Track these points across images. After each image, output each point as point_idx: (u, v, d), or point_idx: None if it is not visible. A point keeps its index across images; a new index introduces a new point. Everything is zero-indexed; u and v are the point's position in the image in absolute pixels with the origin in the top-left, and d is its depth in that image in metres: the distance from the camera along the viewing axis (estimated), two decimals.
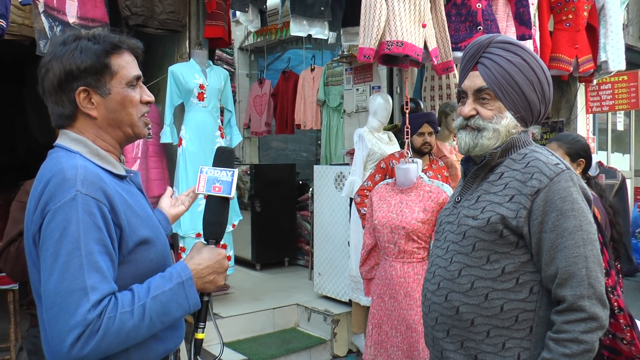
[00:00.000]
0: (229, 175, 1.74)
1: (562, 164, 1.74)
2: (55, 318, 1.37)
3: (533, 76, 1.81)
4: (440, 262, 1.91)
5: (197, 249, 1.68)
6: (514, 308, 1.73)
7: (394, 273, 3.35)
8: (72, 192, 1.43)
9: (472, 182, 1.91)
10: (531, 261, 1.73)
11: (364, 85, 6.35)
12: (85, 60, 1.54)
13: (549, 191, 1.68)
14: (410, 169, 3.44)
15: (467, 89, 1.87)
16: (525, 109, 1.82)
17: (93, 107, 1.58)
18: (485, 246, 1.76)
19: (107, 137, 1.63)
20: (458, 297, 1.81)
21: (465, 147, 1.87)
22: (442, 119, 5.39)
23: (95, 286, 1.40)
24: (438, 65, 3.63)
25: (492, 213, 1.75)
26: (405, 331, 3.33)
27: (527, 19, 3.75)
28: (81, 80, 1.55)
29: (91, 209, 1.43)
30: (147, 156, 4.92)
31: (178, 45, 5.17)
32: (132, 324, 1.42)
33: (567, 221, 1.66)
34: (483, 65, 1.83)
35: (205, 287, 1.63)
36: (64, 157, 1.52)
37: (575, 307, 1.62)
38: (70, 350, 1.35)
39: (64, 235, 1.40)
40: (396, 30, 3.26)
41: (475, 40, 1.89)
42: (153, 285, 1.50)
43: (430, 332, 1.92)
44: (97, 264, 1.42)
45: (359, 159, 4.96)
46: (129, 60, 1.63)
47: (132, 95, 1.63)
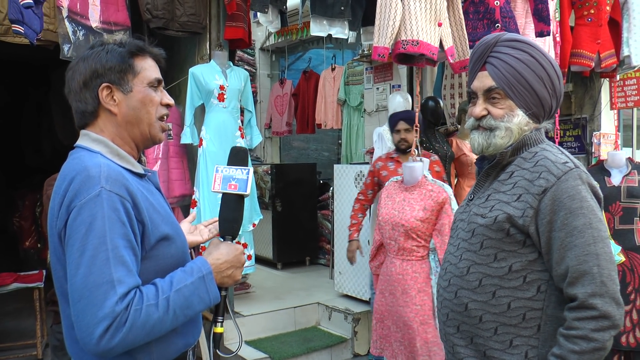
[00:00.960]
0: (244, 173, 1.78)
1: (570, 163, 1.73)
2: (83, 311, 1.42)
3: (542, 72, 1.80)
4: (452, 259, 1.93)
5: (214, 244, 1.74)
6: (521, 306, 1.74)
7: (394, 270, 3.39)
8: (97, 189, 1.48)
9: (484, 181, 1.92)
10: (539, 260, 1.73)
11: (384, 84, 6.35)
12: (111, 60, 1.63)
13: (557, 190, 1.68)
14: (416, 167, 3.45)
15: (477, 89, 1.87)
16: (536, 105, 1.82)
17: (115, 104, 1.65)
18: (493, 244, 1.77)
19: (125, 135, 1.69)
20: (467, 294, 1.83)
21: (479, 147, 1.87)
22: (462, 117, 5.37)
23: (122, 279, 1.45)
24: (455, 64, 3.62)
25: (500, 212, 1.76)
26: (403, 327, 3.36)
27: (546, 15, 3.72)
28: (105, 78, 1.63)
29: (115, 205, 1.49)
30: (168, 157, 4.98)
31: (199, 46, 5.22)
32: (157, 316, 1.47)
33: (576, 219, 1.65)
34: (491, 65, 1.83)
35: (224, 281, 1.68)
36: (86, 156, 1.58)
37: (587, 305, 1.61)
38: (99, 342, 1.40)
39: (90, 230, 1.45)
40: (412, 29, 3.27)
41: (482, 40, 1.90)
42: (175, 279, 1.55)
43: (443, 328, 1.95)
44: (122, 257, 1.47)
45: None
46: (152, 64, 1.72)
47: (153, 95, 1.70)
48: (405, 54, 3.37)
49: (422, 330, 3.32)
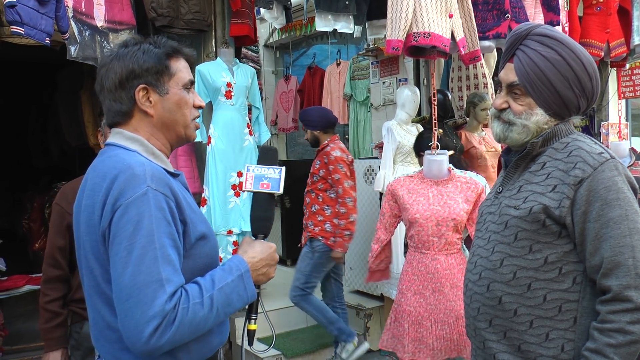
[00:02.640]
0: (277, 173, 1.80)
1: (606, 153, 1.71)
2: (132, 310, 1.42)
3: (569, 72, 1.75)
4: (482, 253, 1.90)
5: (248, 243, 1.75)
6: (557, 298, 1.71)
7: (439, 266, 3.33)
8: (143, 188, 1.48)
9: (513, 173, 1.89)
10: (574, 251, 1.71)
11: (391, 78, 6.32)
12: (148, 60, 1.63)
13: (593, 181, 1.66)
14: (444, 160, 3.41)
15: (502, 81, 1.86)
16: (558, 105, 1.79)
17: (151, 105, 1.65)
18: (528, 236, 1.75)
19: (160, 137, 1.70)
20: (500, 287, 1.80)
21: (496, 137, 1.90)
22: (470, 109, 5.34)
23: (170, 278, 1.46)
24: (465, 55, 3.59)
25: (535, 203, 1.74)
26: (454, 322, 3.32)
27: (555, 5, 3.70)
28: (142, 79, 1.63)
29: (161, 204, 1.50)
30: (176, 155, 4.96)
31: (204, 44, 5.20)
32: (202, 314, 1.49)
33: (612, 211, 1.63)
34: (518, 59, 1.80)
35: (259, 279, 1.69)
36: (125, 155, 1.58)
37: (622, 297, 1.59)
38: (148, 341, 1.41)
39: (138, 228, 1.45)
40: (423, 21, 3.24)
41: (515, 29, 1.87)
42: (217, 278, 1.57)
43: (472, 323, 1.91)
44: (169, 256, 1.48)
45: (388, 152, 4.94)
46: (185, 65, 1.72)
47: (187, 97, 1.71)
48: (417, 46, 3.34)
49: None
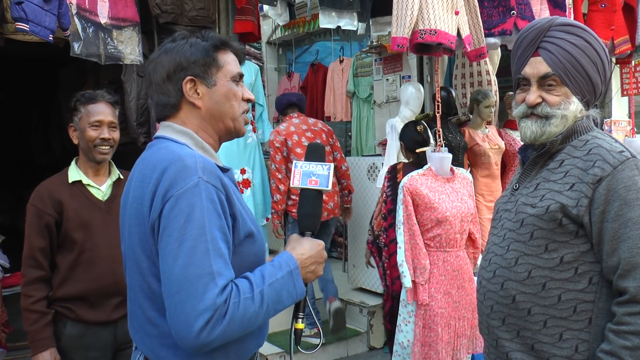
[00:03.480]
0: (326, 169, 1.78)
1: (626, 152, 1.68)
2: (182, 303, 1.39)
3: (597, 58, 1.76)
4: (497, 250, 1.88)
5: (296, 240, 1.71)
6: (572, 298, 1.69)
7: (462, 262, 3.35)
8: (195, 179, 1.46)
9: (530, 170, 1.87)
10: (591, 251, 1.69)
11: (394, 75, 6.31)
12: (195, 53, 1.62)
13: (613, 180, 1.63)
14: (448, 158, 3.42)
15: (530, 76, 1.81)
16: (590, 92, 1.78)
17: (198, 97, 1.64)
18: (544, 235, 1.73)
19: (209, 129, 1.68)
20: (515, 285, 1.78)
21: (532, 135, 1.81)
22: (474, 106, 5.32)
23: (221, 272, 1.43)
24: (471, 52, 3.59)
25: (552, 201, 1.71)
26: (471, 315, 3.34)
27: (562, 2, 3.69)
28: (189, 71, 1.62)
29: (212, 196, 1.47)
30: None
31: None
32: (253, 310, 1.46)
33: (631, 211, 1.61)
34: (546, 51, 1.77)
35: (307, 277, 1.65)
36: (175, 147, 1.57)
37: (639, 299, 1.57)
38: (199, 335, 1.38)
39: (189, 220, 1.43)
40: (429, 18, 3.24)
41: (531, 24, 1.84)
42: (267, 273, 1.53)
43: (485, 320, 1.89)
44: (220, 250, 1.45)
45: (392, 150, 4.93)
46: (233, 58, 1.71)
47: (236, 89, 1.69)
48: (422, 43, 3.34)
49: None
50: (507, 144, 5.43)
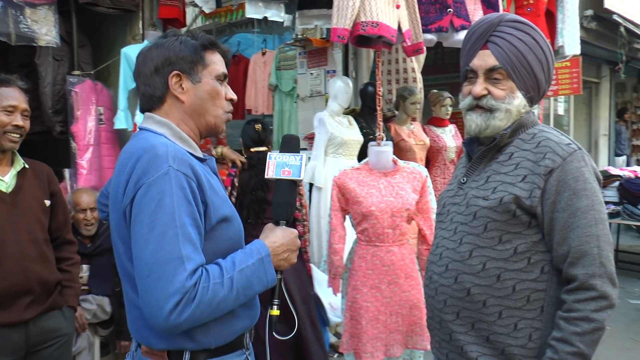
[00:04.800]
0: (298, 160, 1.83)
1: (573, 144, 1.74)
2: (153, 286, 1.46)
3: (542, 56, 1.79)
4: (448, 244, 1.88)
5: (270, 229, 1.76)
6: (525, 288, 1.73)
7: (394, 257, 3.30)
8: (165, 167, 1.53)
9: (479, 163, 1.89)
10: (542, 241, 1.73)
11: (319, 70, 6.27)
12: (183, 50, 1.70)
13: (562, 171, 1.68)
14: (388, 152, 3.38)
15: (478, 68, 1.83)
16: (534, 89, 1.82)
17: (183, 92, 1.71)
18: (498, 226, 1.75)
19: (190, 123, 1.75)
20: (469, 278, 1.79)
21: (477, 128, 1.84)
22: (400, 103, 5.37)
23: (190, 256, 1.49)
24: (409, 47, 3.57)
25: (505, 193, 1.74)
26: (408, 312, 3.32)
27: (495, 2, 3.75)
28: (176, 66, 1.69)
29: (182, 184, 1.54)
30: (99, 143, 4.68)
31: (130, 25, 4.96)
32: (223, 294, 1.51)
33: (579, 201, 1.67)
34: (495, 44, 1.79)
35: (280, 264, 1.71)
36: (151, 137, 1.63)
37: (587, 286, 1.63)
38: (169, 317, 1.44)
39: (160, 207, 1.50)
40: (371, 10, 3.19)
41: (483, 19, 1.87)
42: (237, 260, 1.59)
43: (438, 315, 1.89)
44: (189, 235, 1.51)
45: (320, 144, 4.87)
46: (220, 59, 1.78)
47: (219, 88, 1.75)
48: (362, 36, 3.28)
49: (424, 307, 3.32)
50: (431, 140, 5.54)
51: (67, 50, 4.73)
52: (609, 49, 10.10)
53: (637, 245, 8.27)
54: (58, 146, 4.63)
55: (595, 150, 12.13)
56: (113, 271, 4.06)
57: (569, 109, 11.15)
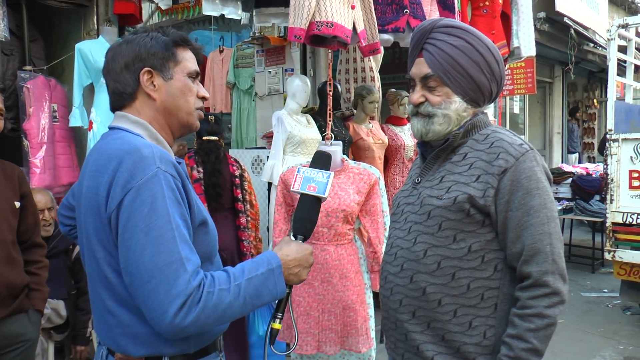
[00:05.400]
0: (325, 177, 1.82)
1: (525, 145, 1.78)
2: (155, 290, 1.43)
3: (479, 57, 1.80)
4: (403, 244, 1.89)
5: (285, 242, 1.74)
6: (479, 286, 1.76)
7: (328, 257, 3.31)
8: (153, 169, 1.50)
9: (433, 163, 1.91)
10: (496, 239, 1.76)
11: (277, 68, 6.27)
12: (155, 46, 1.66)
13: (515, 170, 1.72)
14: (337, 151, 3.39)
15: (415, 76, 1.87)
16: (474, 91, 1.83)
17: (154, 89, 1.67)
18: (452, 225, 1.77)
19: (162, 121, 1.71)
20: (424, 277, 1.80)
21: (418, 133, 1.89)
22: (358, 102, 5.40)
23: (189, 257, 1.47)
24: (365, 47, 3.59)
25: (459, 192, 1.76)
26: (341, 312, 3.31)
27: (451, 4, 3.80)
28: (147, 62, 1.65)
29: (171, 185, 1.51)
30: (54, 141, 4.57)
31: (85, 21, 4.85)
32: (229, 301, 1.49)
33: (532, 199, 1.70)
34: (427, 52, 1.83)
35: (290, 278, 1.68)
36: (131, 138, 1.59)
37: (540, 283, 1.67)
38: (174, 319, 1.41)
39: (153, 210, 1.46)
40: (326, 10, 3.19)
41: (419, 26, 1.90)
42: (247, 268, 1.57)
43: (393, 315, 1.89)
44: (184, 236, 1.49)
45: (278, 142, 4.85)
46: (192, 56, 1.75)
47: (191, 85, 1.72)
48: (318, 35, 3.29)
49: (362, 309, 3.34)
50: (389, 139, 5.58)
51: (17, 45, 4.59)
52: (561, 50, 10.37)
53: (588, 239, 8.48)
54: (8, 144, 4.50)
55: (550, 148, 12.42)
56: (69, 273, 3.99)
57: (524, 107, 11.40)
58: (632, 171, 5.48)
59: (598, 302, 6.75)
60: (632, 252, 5.44)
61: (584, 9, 10.25)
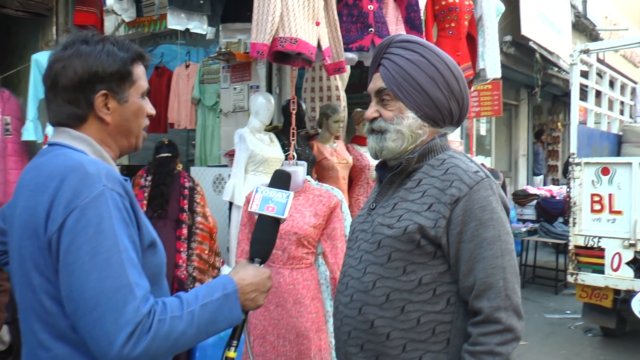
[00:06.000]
0: (284, 197, 1.75)
1: (481, 172, 1.71)
2: (101, 319, 1.32)
3: (435, 72, 1.74)
4: (354, 273, 1.80)
5: (242, 265, 1.67)
6: (430, 320, 1.67)
7: (282, 280, 3.20)
8: (99, 187, 1.39)
9: (387, 189, 1.83)
10: (448, 272, 1.68)
11: (242, 84, 6.19)
12: (112, 64, 1.54)
13: (469, 200, 1.64)
14: (298, 171, 3.29)
15: (370, 91, 1.82)
16: (429, 107, 1.76)
17: (108, 113, 1.56)
18: (402, 256, 1.69)
19: (112, 144, 1.61)
20: (373, 310, 1.71)
21: (372, 150, 1.82)
22: (323, 121, 5.34)
23: (138, 282, 1.37)
24: (329, 65, 3.53)
25: (410, 222, 1.68)
26: (295, 339, 3.20)
27: (419, 24, 3.78)
28: (105, 84, 1.53)
29: (118, 204, 1.41)
30: (5, 155, 4.42)
31: (43, 31, 4.73)
32: (182, 329, 1.40)
33: (486, 231, 1.63)
34: (383, 67, 1.78)
35: (246, 304, 1.59)
36: (74, 154, 1.49)
37: (492, 319, 1.59)
38: (122, 350, 1.31)
39: (100, 231, 1.36)
40: (290, 26, 3.12)
41: (379, 44, 1.86)
42: (201, 294, 1.48)
43: (343, 347, 1.81)
44: (133, 259, 1.39)
45: (240, 161, 4.76)
46: (143, 71, 1.65)
47: (144, 107, 1.64)
48: (282, 52, 3.22)
49: (317, 338, 3.21)
50: (354, 159, 5.54)
51: None
52: (527, 74, 10.54)
53: (552, 261, 8.56)
54: None
55: (515, 170, 12.57)
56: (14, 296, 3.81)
57: (491, 129, 11.53)
58: (593, 195, 5.54)
59: (561, 323, 6.79)
60: (594, 275, 5.49)
61: (548, 33, 10.43)
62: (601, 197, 5.52)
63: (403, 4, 3.95)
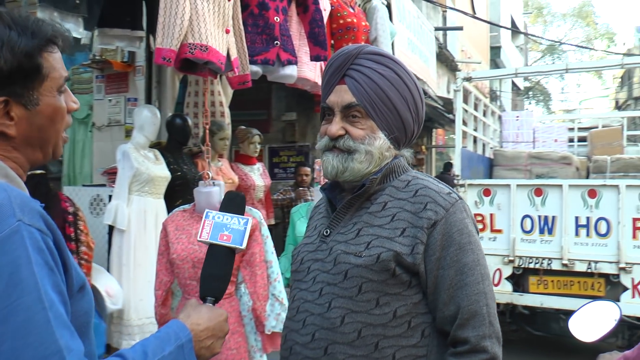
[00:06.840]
0: (242, 224, 1.53)
1: (454, 194, 1.60)
2: None
3: (407, 93, 1.61)
4: (313, 308, 1.59)
5: (193, 306, 1.41)
6: (406, 355, 1.52)
7: None
8: (13, 223, 1.05)
9: (344, 213, 1.65)
10: (423, 301, 1.55)
11: (118, 96, 5.81)
12: (11, 61, 1.15)
13: (446, 223, 1.53)
14: (213, 192, 3.00)
15: (334, 105, 1.61)
16: (399, 129, 1.62)
17: (12, 124, 1.19)
18: (374, 287, 1.52)
19: (19, 159, 1.23)
20: (342, 349, 1.52)
21: (333, 171, 1.61)
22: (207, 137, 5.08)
23: (69, 346, 1.06)
24: (234, 78, 3.29)
25: (382, 249, 1.52)
26: None
27: (323, 40, 3.65)
28: (3, 90, 1.16)
29: (39, 244, 1.07)
30: None
31: None
32: None
33: (465, 256, 1.53)
34: (352, 79, 1.59)
35: (201, 352, 1.33)
36: None
37: (479, 349, 1.49)
38: None
39: (16, 283, 1.03)
40: (200, 31, 2.84)
41: (341, 50, 1.67)
42: (150, 349, 1.20)
43: None
44: (62, 316, 1.07)
45: (123, 180, 4.34)
46: (59, 57, 1.25)
47: (62, 105, 1.26)
48: (189, 60, 2.93)
49: None
50: (239, 178, 5.39)
51: None
52: None
53: None
54: None
55: None
56: None
57: None
58: (476, 214, 5.73)
59: None
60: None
61: (417, 61, 10.86)
62: (483, 216, 5.76)
63: (307, 19, 3.82)
